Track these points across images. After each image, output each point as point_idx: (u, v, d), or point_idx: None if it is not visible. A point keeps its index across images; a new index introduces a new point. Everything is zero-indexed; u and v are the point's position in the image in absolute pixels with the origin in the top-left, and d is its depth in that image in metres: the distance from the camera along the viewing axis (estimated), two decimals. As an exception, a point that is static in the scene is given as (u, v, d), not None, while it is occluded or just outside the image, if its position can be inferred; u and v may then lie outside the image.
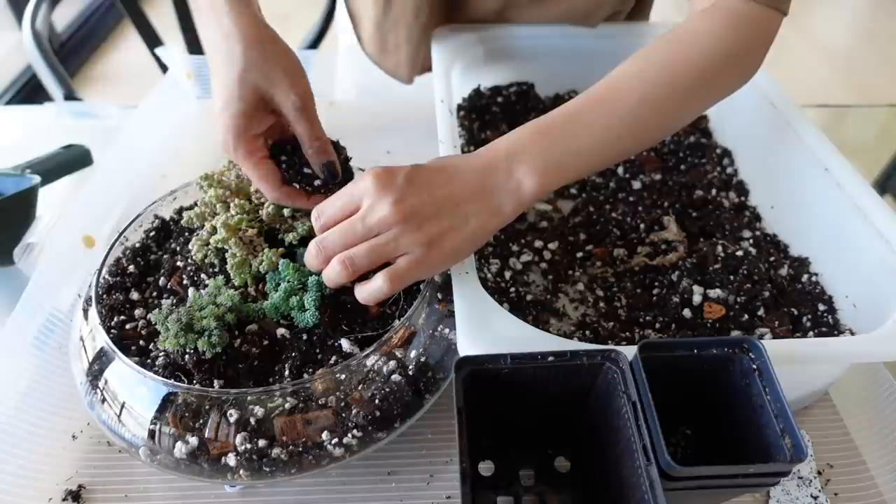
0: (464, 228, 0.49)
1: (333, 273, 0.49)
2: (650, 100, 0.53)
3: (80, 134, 0.89)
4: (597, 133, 0.52)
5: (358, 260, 0.48)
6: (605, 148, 0.53)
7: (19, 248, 0.66)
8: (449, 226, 0.49)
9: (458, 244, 0.49)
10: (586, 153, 0.52)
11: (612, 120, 0.53)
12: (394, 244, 0.48)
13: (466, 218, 0.49)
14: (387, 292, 0.49)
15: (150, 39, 1.31)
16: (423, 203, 0.48)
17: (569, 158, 0.51)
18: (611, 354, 0.42)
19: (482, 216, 0.50)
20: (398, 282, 0.48)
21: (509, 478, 0.48)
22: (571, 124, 0.52)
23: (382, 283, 0.48)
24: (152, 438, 0.48)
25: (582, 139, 0.52)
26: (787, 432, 0.39)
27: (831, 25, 2.81)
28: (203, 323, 0.49)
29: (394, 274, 0.48)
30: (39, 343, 0.61)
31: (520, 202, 0.50)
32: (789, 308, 0.59)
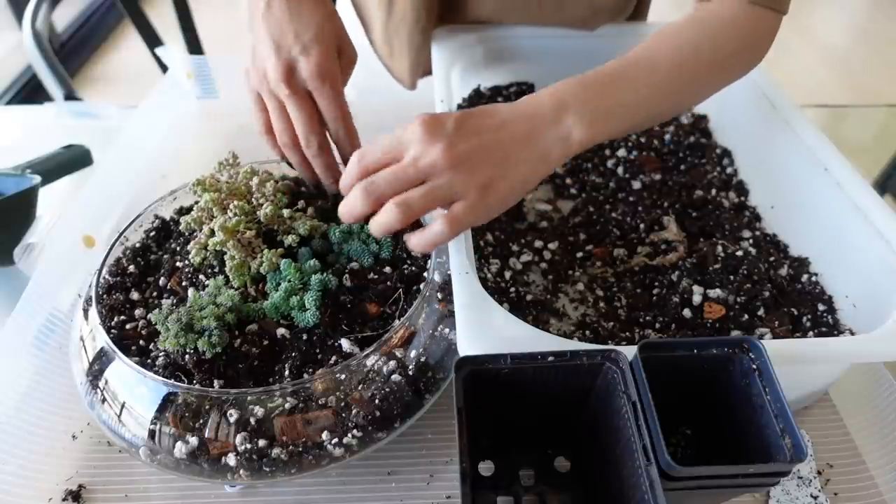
0: (514, 173, 0.50)
1: (389, 217, 0.49)
2: (685, 69, 0.56)
3: (80, 134, 0.89)
4: (640, 91, 0.54)
5: (414, 203, 0.48)
6: (647, 106, 0.55)
7: (19, 248, 0.66)
8: (500, 171, 0.49)
9: (510, 188, 0.50)
10: (631, 108, 0.54)
11: (652, 81, 0.54)
12: (448, 188, 0.48)
13: (517, 164, 0.50)
14: (447, 236, 0.49)
15: (150, 39, 1.31)
16: (473, 149, 0.49)
17: (617, 110, 0.53)
18: (611, 354, 0.42)
19: (531, 163, 0.51)
20: (457, 226, 0.49)
21: (509, 478, 0.48)
22: (616, 80, 0.54)
23: (442, 227, 0.49)
24: (152, 438, 0.48)
25: (626, 94, 0.53)
26: (787, 432, 0.39)
27: (831, 26, 2.81)
28: (203, 323, 0.49)
29: (452, 218, 0.49)
30: (39, 343, 0.61)
31: (567, 150, 0.51)
32: (789, 308, 0.59)
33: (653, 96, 0.55)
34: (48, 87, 1.11)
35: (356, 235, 0.57)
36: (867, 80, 2.43)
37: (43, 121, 0.95)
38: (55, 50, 1.25)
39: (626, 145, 0.78)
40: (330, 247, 0.58)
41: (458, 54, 0.81)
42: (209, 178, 0.60)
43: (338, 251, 0.57)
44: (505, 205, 0.51)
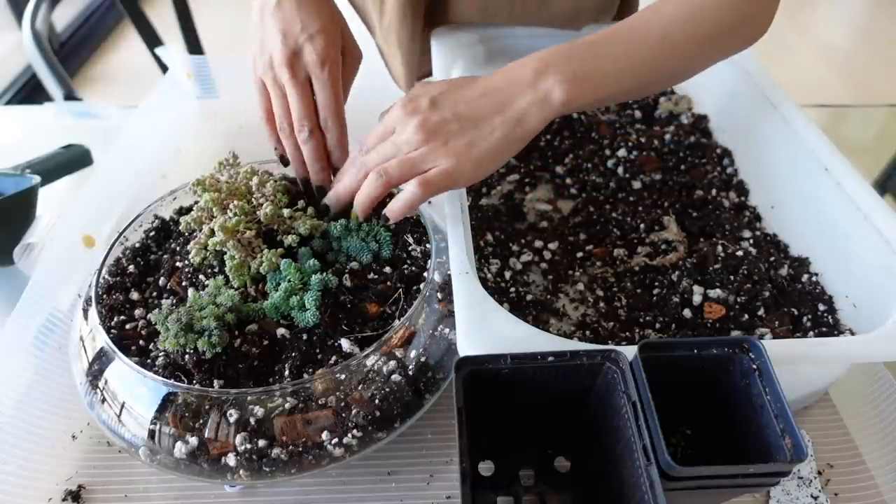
0: (488, 139, 0.51)
1: (369, 186, 0.53)
2: (669, 40, 0.55)
3: (80, 134, 0.89)
4: (623, 59, 0.54)
5: (391, 170, 0.52)
6: (630, 75, 0.54)
7: (19, 248, 0.66)
8: (473, 139, 0.51)
9: (485, 154, 0.52)
10: (613, 75, 0.53)
11: (633, 51, 0.54)
12: (422, 157, 0.51)
13: (490, 132, 0.51)
14: (419, 197, 0.51)
15: (150, 39, 1.31)
16: (446, 121, 0.52)
17: (598, 75, 0.53)
18: (611, 354, 0.42)
19: (505, 128, 0.52)
20: (428, 187, 0.51)
21: (509, 478, 0.48)
22: (602, 46, 0.54)
23: (414, 188, 0.51)
24: (152, 438, 0.48)
25: (609, 60, 0.53)
26: (787, 432, 0.39)
27: (831, 25, 2.81)
28: (203, 323, 0.49)
29: (424, 179, 0.51)
30: (39, 343, 0.61)
31: (547, 112, 0.52)
32: (789, 308, 0.59)
33: (636, 66, 0.54)
34: (48, 87, 1.11)
35: (355, 233, 0.57)
36: (868, 80, 2.43)
37: (43, 121, 0.95)
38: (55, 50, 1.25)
39: (627, 145, 0.78)
40: (330, 246, 0.58)
41: (458, 53, 0.81)
42: (209, 178, 0.60)
43: (337, 248, 0.57)
44: (481, 168, 0.52)
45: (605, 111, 0.86)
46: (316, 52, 0.59)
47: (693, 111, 0.84)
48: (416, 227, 0.61)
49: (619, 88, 0.55)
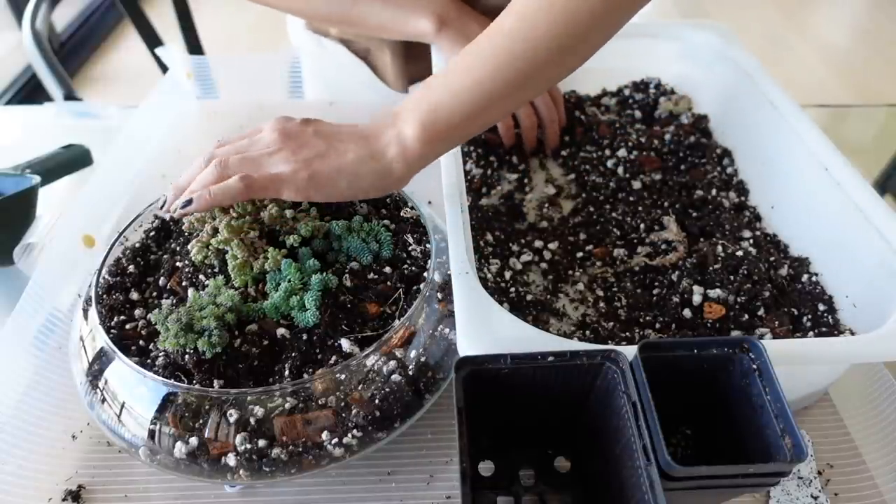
0: (337, 158, 0.51)
1: (206, 172, 0.52)
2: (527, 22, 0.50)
3: (80, 134, 0.89)
4: (474, 69, 0.50)
5: (231, 162, 0.51)
6: (487, 83, 0.50)
7: (19, 248, 0.66)
8: (322, 152, 0.51)
9: (328, 171, 0.51)
10: (467, 91, 0.50)
11: (488, 50, 0.50)
12: (265, 158, 0.51)
13: (343, 151, 0.51)
14: (238, 191, 0.50)
15: (150, 39, 1.31)
16: (304, 132, 0.52)
17: (447, 99, 0.51)
18: (611, 354, 0.42)
19: (361, 153, 0.51)
20: (248, 183, 0.50)
21: (509, 478, 0.48)
22: (453, 66, 0.52)
23: (235, 182, 0.50)
24: (152, 438, 0.48)
25: (460, 78, 0.51)
26: (787, 432, 0.39)
27: (831, 25, 2.81)
28: (203, 323, 0.49)
29: (249, 177, 0.50)
30: (39, 343, 0.61)
31: (405, 151, 0.51)
32: (789, 308, 0.59)
33: (488, 75, 0.50)
34: (48, 87, 1.11)
35: (356, 233, 0.57)
36: (868, 80, 2.43)
37: (43, 121, 0.95)
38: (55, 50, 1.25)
39: (627, 145, 0.78)
40: (330, 246, 0.58)
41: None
42: None
43: (337, 248, 0.57)
44: (318, 185, 0.51)
45: (606, 111, 0.86)
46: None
47: (693, 111, 0.84)
48: (416, 227, 0.61)
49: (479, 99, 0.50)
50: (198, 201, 0.51)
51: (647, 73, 0.89)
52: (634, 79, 0.89)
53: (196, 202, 0.51)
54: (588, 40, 0.52)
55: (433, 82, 0.52)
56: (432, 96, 0.51)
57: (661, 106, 0.85)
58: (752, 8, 2.81)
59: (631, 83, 0.89)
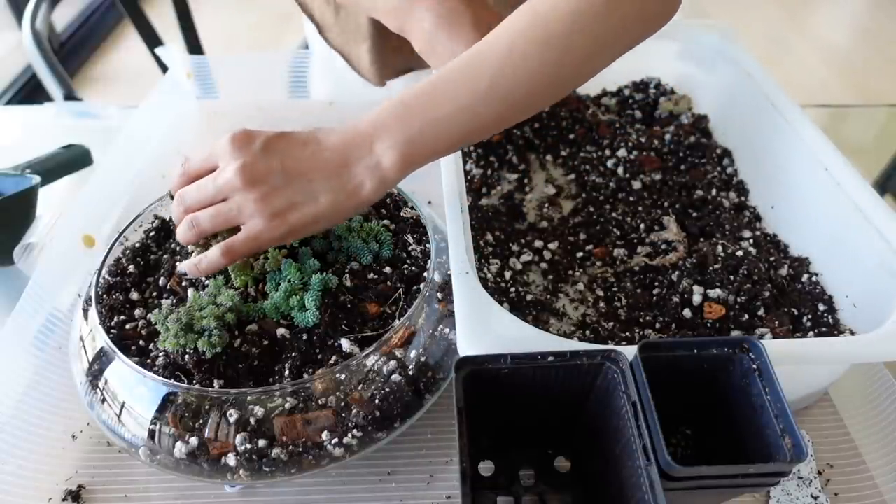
0: (310, 205, 0.48)
1: (181, 232, 0.50)
2: (516, 54, 0.48)
3: (80, 134, 0.89)
4: (460, 97, 0.48)
5: (203, 222, 0.49)
6: (472, 113, 0.48)
7: (19, 248, 0.66)
8: (296, 200, 0.48)
9: (305, 219, 0.48)
10: (450, 121, 0.48)
11: (476, 81, 0.48)
12: (236, 211, 0.48)
13: (316, 195, 0.48)
14: (220, 265, 0.50)
15: (150, 39, 1.31)
16: (271, 171, 0.47)
17: (429, 129, 0.48)
18: (611, 354, 0.42)
19: (336, 194, 0.48)
20: (231, 255, 0.49)
21: (509, 478, 0.48)
22: (435, 91, 0.48)
23: (217, 257, 0.49)
24: (152, 438, 0.48)
25: (444, 106, 0.48)
26: (787, 432, 0.39)
27: (831, 25, 2.81)
28: (203, 323, 0.49)
29: (228, 248, 0.49)
30: (39, 343, 0.61)
31: (381, 180, 0.48)
32: (789, 308, 0.59)
33: (477, 101, 0.48)
34: (48, 87, 1.11)
35: (356, 233, 0.57)
36: (868, 80, 2.43)
37: (43, 121, 0.95)
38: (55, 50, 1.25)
39: (627, 145, 0.78)
40: (330, 246, 0.58)
41: (458, 54, 0.81)
42: None
43: (337, 248, 0.57)
44: (297, 234, 0.49)
45: (606, 111, 0.86)
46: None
47: (693, 111, 0.84)
48: (416, 227, 0.61)
49: (463, 128, 0.49)
50: (190, 272, 0.52)
51: (647, 72, 0.89)
52: (634, 79, 0.89)
53: (190, 273, 0.52)
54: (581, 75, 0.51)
55: (413, 104, 0.49)
56: (413, 123, 0.48)
57: (661, 106, 0.85)
58: (752, 8, 2.81)
59: (631, 83, 0.89)
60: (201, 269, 0.51)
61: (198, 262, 0.51)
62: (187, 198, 0.50)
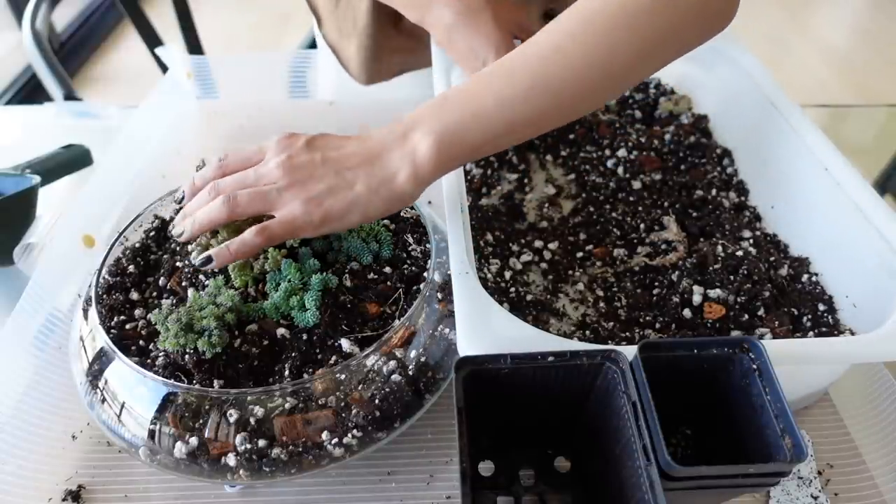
0: (347, 192, 0.48)
1: (215, 208, 0.49)
2: (563, 51, 0.47)
3: (80, 134, 0.89)
4: (501, 92, 0.48)
5: (241, 200, 0.49)
6: (511, 109, 0.48)
7: (19, 248, 0.66)
8: (332, 186, 0.48)
9: (340, 206, 0.49)
10: (489, 115, 0.48)
11: (518, 76, 0.48)
12: (275, 195, 0.49)
13: (352, 182, 0.49)
14: (255, 244, 0.49)
15: (150, 39, 1.31)
16: (311, 162, 0.49)
17: (467, 121, 0.48)
18: (611, 354, 0.42)
19: (371, 181, 0.49)
20: (266, 235, 0.49)
21: (509, 478, 0.48)
22: (476, 84, 0.49)
23: (251, 237, 0.49)
24: (152, 438, 0.48)
25: (483, 100, 0.48)
26: (787, 432, 0.39)
27: (831, 25, 2.81)
28: (203, 323, 0.49)
29: (263, 227, 0.49)
30: (39, 343, 0.61)
31: (415, 170, 0.48)
32: (789, 308, 0.59)
33: (517, 95, 0.47)
34: (48, 87, 1.11)
35: (356, 233, 0.57)
36: (868, 80, 2.43)
37: (43, 121, 0.95)
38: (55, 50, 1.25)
39: (627, 145, 0.78)
40: (330, 246, 0.58)
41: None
42: None
43: (337, 248, 0.57)
44: (332, 222, 0.49)
45: (606, 111, 0.86)
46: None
47: (693, 111, 0.84)
48: (416, 227, 0.61)
49: (502, 122, 0.48)
50: (218, 258, 0.50)
51: (647, 73, 0.89)
52: (634, 79, 0.89)
53: (217, 259, 0.50)
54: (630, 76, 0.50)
55: (452, 98, 0.49)
56: (451, 115, 0.48)
57: (661, 106, 0.85)
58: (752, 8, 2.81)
59: (631, 83, 0.89)
60: (232, 251, 0.50)
61: (229, 243, 0.50)
62: (225, 183, 0.51)
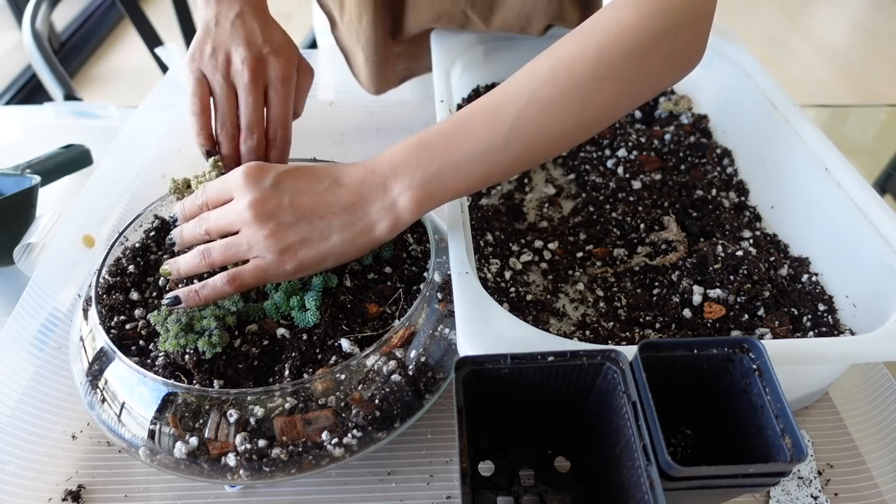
0: (322, 243, 0.48)
1: (192, 260, 0.50)
2: (540, 98, 0.48)
3: (80, 134, 0.89)
4: (481, 141, 0.48)
5: (214, 254, 0.49)
6: (491, 157, 0.48)
7: (19, 248, 0.66)
8: (305, 237, 0.48)
9: (314, 257, 0.48)
10: (469, 164, 0.48)
11: (497, 125, 0.48)
12: (246, 246, 0.48)
13: (327, 233, 0.48)
14: (226, 293, 0.50)
15: (150, 39, 1.31)
16: (281, 208, 0.47)
17: (449, 170, 0.48)
18: (611, 354, 0.42)
19: (348, 233, 0.48)
20: (238, 283, 0.49)
21: (509, 478, 0.48)
22: (455, 133, 0.48)
23: (222, 284, 0.49)
24: (152, 438, 0.48)
25: (464, 149, 0.48)
26: (787, 432, 0.39)
27: (831, 25, 2.81)
28: (203, 323, 0.49)
29: (235, 276, 0.49)
30: (39, 343, 0.61)
31: (395, 221, 0.48)
32: (789, 308, 0.59)
33: (497, 145, 0.48)
34: (48, 87, 1.11)
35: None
36: (868, 80, 2.43)
37: (43, 121, 0.95)
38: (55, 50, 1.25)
39: (626, 145, 0.78)
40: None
41: (458, 54, 0.81)
42: (195, 180, 0.60)
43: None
44: (306, 271, 0.49)
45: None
46: (280, 67, 0.60)
47: (693, 111, 0.84)
48: (416, 227, 0.61)
49: (482, 172, 0.48)
50: (187, 300, 0.50)
51: (647, 73, 0.89)
52: (634, 79, 0.89)
53: (185, 301, 0.50)
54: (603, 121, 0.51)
55: (433, 144, 0.48)
56: (432, 164, 0.47)
57: (661, 106, 0.85)
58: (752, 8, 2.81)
59: (631, 83, 0.89)
60: (202, 296, 0.50)
61: (200, 287, 0.50)
62: (209, 223, 0.51)
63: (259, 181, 0.48)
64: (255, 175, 0.48)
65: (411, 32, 0.83)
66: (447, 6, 0.79)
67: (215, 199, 0.51)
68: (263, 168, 0.49)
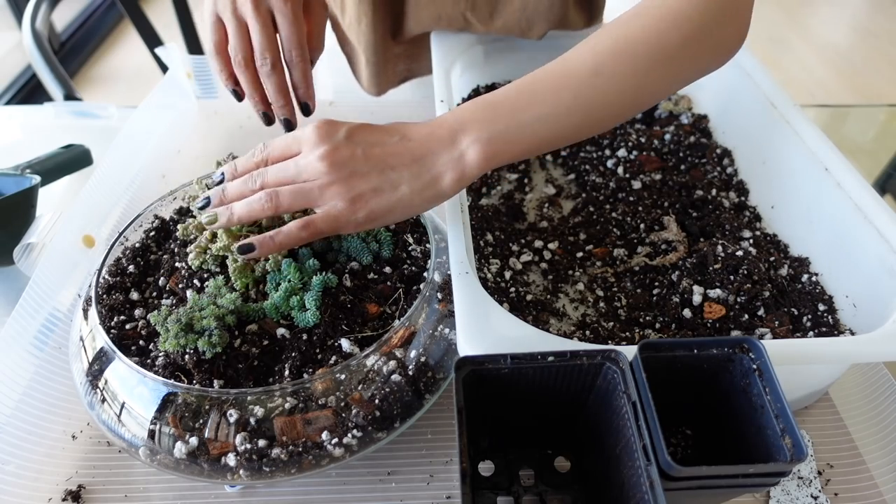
0: (391, 193, 0.49)
1: (257, 203, 0.50)
2: (603, 72, 0.50)
3: (80, 134, 0.89)
4: (546, 105, 0.50)
5: (283, 197, 0.49)
6: (555, 121, 0.50)
7: (19, 248, 0.66)
8: (377, 186, 0.48)
9: (384, 207, 0.49)
10: (534, 125, 0.50)
11: (561, 92, 0.50)
12: (318, 192, 0.48)
13: (397, 183, 0.49)
14: (301, 239, 0.50)
15: (150, 39, 1.31)
16: (354, 158, 0.48)
17: (515, 129, 0.49)
18: (611, 354, 0.42)
19: (415, 183, 0.49)
20: (311, 230, 0.49)
21: (509, 478, 0.48)
22: (520, 96, 0.50)
23: (297, 230, 0.49)
24: (152, 438, 0.48)
25: (530, 110, 0.50)
26: (787, 432, 0.39)
27: (831, 25, 2.81)
28: (203, 323, 0.49)
29: (309, 222, 0.49)
30: (39, 343, 0.61)
31: (461, 174, 0.49)
32: (789, 308, 0.59)
33: (561, 111, 0.50)
34: (48, 87, 1.11)
35: (356, 233, 0.57)
36: (868, 80, 2.43)
37: (43, 121, 0.95)
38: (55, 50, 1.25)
39: (627, 145, 0.78)
40: (330, 246, 0.58)
41: (458, 54, 0.81)
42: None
43: (337, 248, 0.57)
44: (377, 221, 0.50)
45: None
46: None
47: (693, 111, 0.84)
48: (416, 227, 0.61)
49: (546, 135, 0.51)
50: (261, 247, 0.50)
51: (647, 73, 0.89)
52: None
53: (259, 248, 0.50)
54: (655, 98, 0.54)
55: (500, 104, 0.50)
56: (499, 121, 0.49)
57: (661, 106, 0.85)
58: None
59: (631, 83, 0.89)
60: (277, 242, 0.50)
61: (275, 234, 0.50)
62: (267, 176, 0.50)
63: (332, 135, 0.49)
64: (327, 129, 0.49)
65: (411, 34, 0.84)
66: (447, 9, 0.80)
67: (279, 154, 0.51)
68: (335, 123, 0.50)
